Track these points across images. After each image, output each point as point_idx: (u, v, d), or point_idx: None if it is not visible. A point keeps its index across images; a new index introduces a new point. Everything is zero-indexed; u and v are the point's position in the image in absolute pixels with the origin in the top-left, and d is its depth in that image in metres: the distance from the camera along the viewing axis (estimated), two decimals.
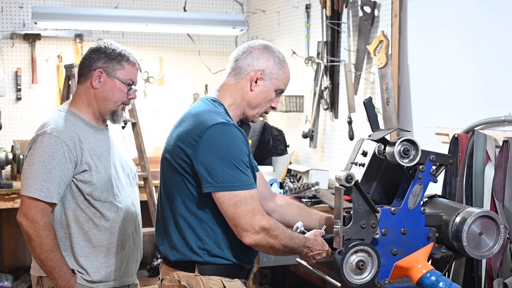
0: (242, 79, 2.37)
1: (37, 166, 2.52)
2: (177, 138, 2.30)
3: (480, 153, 3.02)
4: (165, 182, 2.36)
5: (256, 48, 2.39)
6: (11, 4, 5.31)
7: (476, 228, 2.35)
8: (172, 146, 2.31)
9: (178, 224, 2.30)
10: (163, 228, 2.37)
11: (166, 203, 2.36)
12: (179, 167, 2.27)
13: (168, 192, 2.34)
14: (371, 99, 2.56)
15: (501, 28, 3.15)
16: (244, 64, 2.37)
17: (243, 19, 5.45)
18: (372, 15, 4.05)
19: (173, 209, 2.31)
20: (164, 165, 2.37)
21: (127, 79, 2.70)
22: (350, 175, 2.27)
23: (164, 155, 2.38)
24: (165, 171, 2.36)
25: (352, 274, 2.31)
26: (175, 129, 2.37)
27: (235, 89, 2.38)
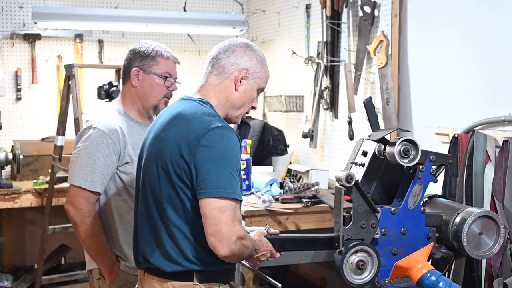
0: (226, 78, 2.30)
1: (83, 158, 2.69)
2: (171, 143, 2.18)
3: (480, 153, 3.02)
4: (155, 191, 2.23)
5: (239, 47, 2.32)
6: (11, 4, 5.31)
7: (476, 228, 2.35)
8: (166, 152, 2.19)
9: (172, 234, 2.21)
10: (153, 239, 2.26)
11: (155, 213, 2.24)
12: (173, 173, 2.17)
13: (159, 202, 2.22)
14: (371, 99, 2.56)
15: (501, 28, 3.15)
16: (228, 63, 2.30)
17: (243, 19, 5.45)
18: (372, 15, 4.05)
19: (165, 219, 2.21)
20: (153, 172, 2.23)
21: (163, 73, 2.90)
22: (350, 175, 2.27)
23: (151, 162, 2.24)
24: (155, 179, 2.22)
25: (352, 274, 2.31)
26: (162, 132, 2.24)
27: (219, 90, 2.31)
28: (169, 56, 2.94)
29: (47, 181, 4.73)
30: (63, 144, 4.54)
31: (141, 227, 2.32)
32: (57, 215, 5.07)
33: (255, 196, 3.92)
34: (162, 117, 2.33)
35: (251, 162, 4.22)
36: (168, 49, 2.95)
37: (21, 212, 5.24)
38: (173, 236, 2.21)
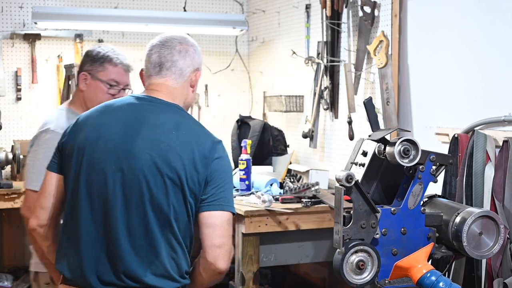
0: (185, 81, 2.25)
1: (40, 161, 2.59)
2: (179, 154, 2.07)
3: (480, 153, 3.01)
4: (160, 204, 2.06)
5: (189, 46, 2.27)
6: (11, 4, 5.31)
7: (476, 228, 2.35)
8: (175, 163, 2.07)
9: (174, 251, 2.11)
10: (148, 256, 2.07)
11: (155, 227, 2.07)
12: (185, 187, 2.07)
13: (164, 216, 2.07)
14: (371, 99, 2.56)
15: (501, 28, 3.15)
16: (185, 65, 2.23)
17: (243, 19, 5.45)
18: (372, 15, 4.05)
19: (170, 235, 2.08)
20: (156, 184, 2.06)
21: (109, 80, 2.85)
22: (350, 175, 2.27)
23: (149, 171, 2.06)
24: (161, 191, 2.06)
25: (352, 274, 2.31)
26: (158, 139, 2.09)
27: (181, 93, 2.24)
28: (118, 63, 2.86)
29: None
30: None
31: (121, 243, 2.07)
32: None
33: (255, 196, 3.92)
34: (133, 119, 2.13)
35: (251, 162, 4.22)
36: (121, 56, 2.87)
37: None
38: (174, 252, 2.11)
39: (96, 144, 2.13)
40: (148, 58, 2.25)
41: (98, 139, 2.13)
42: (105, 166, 2.10)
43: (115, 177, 2.09)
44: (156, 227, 2.07)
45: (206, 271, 2.15)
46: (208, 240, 2.09)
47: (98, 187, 2.11)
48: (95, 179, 2.11)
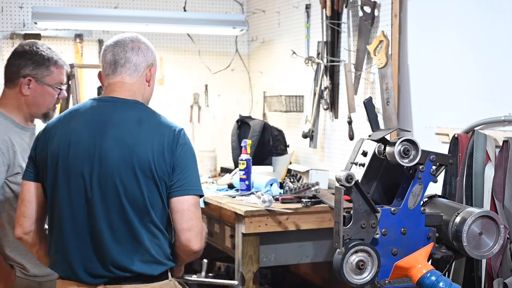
0: (140, 76, 2.37)
1: None
2: (145, 147, 2.20)
3: (480, 153, 3.01)
4: (134, 196, 2.20)
5: (141, 43, 2.38)
6: (11, 4, 5.31)
7: (476, 228, 2.36)
8: (143, 156, 2.19)
9: (155, 237, 2.25)
10: (132, 246, 2.21)
11: (134, 218, 2.20)
12: (156, 176, 2.20)
13: (140, 206, 2.20)
14: (371, 99, 2.56)
15: (501, 28, 3.15)
16: (138, 61, 2.35)
17: (243, 19, 5.45)
18: (372, 15, 4.06)
19: (148, 223, 2.22)
20: (129, 178, 2.19)
21: (56, 83, 2.79)
22: (350, 175, 2.27)
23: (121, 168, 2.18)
24: (133, 184, 2.19)
25: (352, 274, 2.31)
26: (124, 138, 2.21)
27: (139, 88, 2.37)
28: (62, 64, 2.82)
29: None
30: None
31: (105, 239, 2.20)
32: None
33: (255, 196, 3.92)
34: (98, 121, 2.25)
35: (251, 162, 4.22)
36: (59, 55, 2.82)
37: None
38: (156, 238, 2.25)
39: (68, 150, 2.25)
40: (104, 58, 2.35)
41: (69, 145, 2.25)
42: (80, 170, 2.22)
43: (91, 178, 2.21)
44: (135, 218, 2.20)
45: (183, 252, 2.31)
46: (178, 224, 2.24)
47: (77, 190, 2.24)
48: (73, 183, 2.24)
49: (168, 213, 2.28)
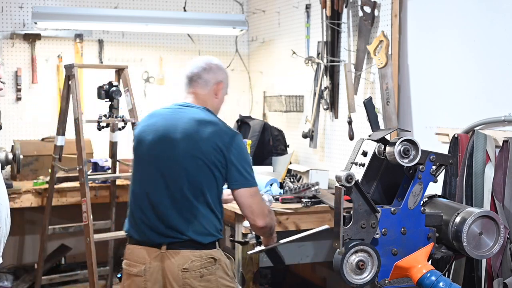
0: (210, 90, 2.90)
1: None
2: (208, 142, 2.70)
3: (480, 153, 3.02)
4: (195, 179, 2.71)
5: (213, 64, 2.94)
6: (11, 4, 5.31)
7: (476, 228, 2.36)
8: (205, 149, 2.68)
9: (208, 213, 2.72)
10: (189, 217, 2.71)
11: (192, 197, 2.70)
12: (213, 166, 2.70)
13: (199, 188, 2.71)
14: (371, 99, 2.56)
15: (501, 28, 3.15)
16: (208, 78, 2.90)
17: (243, 19, 5.45)
18: (372, 15, 4.06)
19: (204, 201, 2.72)
20: (194, 164, 2.70)
21: None
22: (350, 175, 2.27)
23: (187, 156, 2.70)
24: (195, 170, 2.70)
25: (352, 274, 2.31)
26: (192, 133, 2.72)
27: (208, 99, 2.89)
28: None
29: (47, 181, 4.73)
30: (63, 144, 4.54)
31: (167, 209, 2.72)
32: (57, 215, 5.07)
33: None
34: (172, 119, 2.79)
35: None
36: None
37: (21, 212, 5.24)
38: (209, 214, 2.73)
39: (146, 138, 2.82)
40: (184, 76, 2.93)
41: (148, 134, 2.82)
42: (155, 154, 2.77)
43: (162, 162, 2.75)
44: (193, 197, 2.71)
45: (253, 228, 2.87)
46: (242, 211, 2.78)
47: (150, 170, 2.78)
48: (148, 165, 2.79)
49: (220, 196, 2.78)
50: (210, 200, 2.73)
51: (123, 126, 4.53)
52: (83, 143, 4.21)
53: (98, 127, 4.37)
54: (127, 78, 4.49)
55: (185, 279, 2.70)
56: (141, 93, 5.68)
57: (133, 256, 2.81)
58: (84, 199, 4.15)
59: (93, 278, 4.15)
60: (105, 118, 4.38)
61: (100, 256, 4.84)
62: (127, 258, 2.84)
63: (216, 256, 2.75)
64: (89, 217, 4.12)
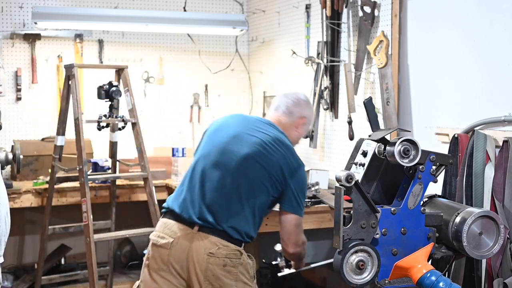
0: (292, 121, 3.04)
1: None
2: (276, 160, 2.85)
3: (480, 153, 3.01)
4: (254, 180, 2.84)
5: (301, 100, 3.10)
6: (11, 4, 5.31)
7: (476, 228, 2.36)
8: (271, 162, 2.84)
9: (250, 214, 2.84)
10: (232, 212, 2.82)
11: (244, 195, 2.83)
12: (273, 181, 2.84)
13: (252, 189, 2.84)
14: (371, 99, 2.56)
15: (501, 28, 3.15)
16: (294, 110, 3.05)
17: (243, 19, 5.45)
18: (372, 15, 4.05)
19: (251, 203, 2.84)
20: (257, 168, 2.84)
21: None
22: (350, 175, 2.27)
23: (254, 159, 2.84)
24: (257, 173, 2.84)
25: (352, 274, 2.31)
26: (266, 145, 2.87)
27: (289, 128, 3.04)
28: None
29: (47, 181, 4.73)
30: (63, 144, 4.54)
31: (216, 196, 2.84)
32: (57, 215, 5.07)
33: None
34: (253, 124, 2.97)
35: None
36: None
37: (21, 212, 5.24)
38: (250, 218, 2.84)
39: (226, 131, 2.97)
40: (273, 101, 3.14)
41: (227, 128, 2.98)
42: (226, 144, 2.91)
43: (230, 153, 2.88)
44: (245, 195, 2.83)
45: (283, 251, 3.02)
46: (281, 234, 2.93)
47: (215, 156, 2.91)
48: (216, 150, 2.92)
49: (266, 208, 2.90)
50: (256, 206, 2.85)
51: (123, 126, 4.53)
52: (83, 143, 4.21)
53: (98, 127, 4.37)
54: (127, 78, 4.49)
55: (208, 263, 2.78)
56: (141, 93, 5.68)
57: (164, 229, 2.89)
58: (84, 199, 4.15)
59: (93, 278, 4.15)
60: (105, 118, 4.38)
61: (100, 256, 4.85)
62: (157, 230, 2.93)
63: (242, 251, 2.86)
64: (89, 217, 4.12)
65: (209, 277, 2.79)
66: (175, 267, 2.84)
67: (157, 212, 4.38)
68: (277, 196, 2.89)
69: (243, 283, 2.86)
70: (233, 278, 2.82)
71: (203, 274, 2.79)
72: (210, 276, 2.79)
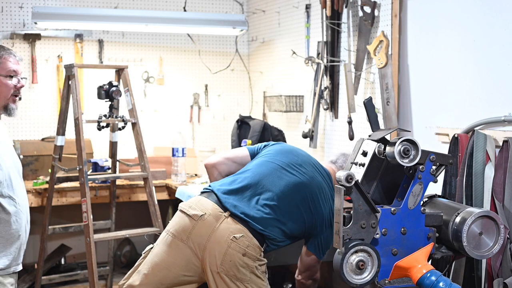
0: None
1: None
2: (317, 197, 3.01)
3: (480, 153, 3.01)
4: (302, 201, 2.99)
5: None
6: (11, 4, 5.31)
7: (476, 228, 2.36)
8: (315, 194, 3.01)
9: (280, 231, 2.94)
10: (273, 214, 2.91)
11: (292, 206, 2.95)
12: (312, 215, 3.00)
13: (298, 208, 2.97)
14: (371, 99, 2.56)
15: (501, 28, 3.15)
16: (344, 163, 3.20)
17: (243, 19, 5.45)
18: (372, 15, 4.06)
19: (291, 219, 2.96)
20: (308, 191, 3.01)
21: (8, 72, 2.82)
22: (350, 175, 2.27)
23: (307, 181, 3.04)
24: (315, 204, 3.00)
25: (352, 274, 2.31)
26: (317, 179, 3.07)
27: None
28: (11, 53, 2.90)
29: (47, 181, 4.73)
30: (63, 144, 4.54)
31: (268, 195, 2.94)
32: (57, 215, 5.07)
33: None
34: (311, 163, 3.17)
35: None
36: (8, 48, 2.92)
37: None
38: (280, 233, 2.94)
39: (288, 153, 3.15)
40: (332, 154, 3.44)
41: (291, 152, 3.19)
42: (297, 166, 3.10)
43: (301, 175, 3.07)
44: (292, 209, 2.97)
45: (296, 278, 3.25)
46: (300, 266, 3.19)
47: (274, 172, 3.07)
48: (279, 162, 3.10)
49: (293, 235, 3.00)
50: (290, 226, 2.95)
51: (123, 126, 4.54)
52: (83, 143, 4.21)
53: (98, 127, 4.37)
54: (127, 78, 4.49)
55: (229, 247, 2.79)
56: (141, 93, 5.68)
57: (198, 204, 2.92)
58: (84, 199, 4.15)
59: (93, 278, 4.15)
60: (105, 118, 4.38)
61: (100, 256, 4.86)
62: (190, 202, 2.96)
63: (262, 250, 2.91)
64: (89, 217, 4.12)
65: (225, 262, 2.79)
66: (194, 241, 2.82)
67: (157, 212, 4.38)
68: (306, 236, 3.06)
69: (256, 277, 2.88)
70: (249, 270, 2.84)
71: (221, 257, 2.78)
72: (227, 262, 2.79)
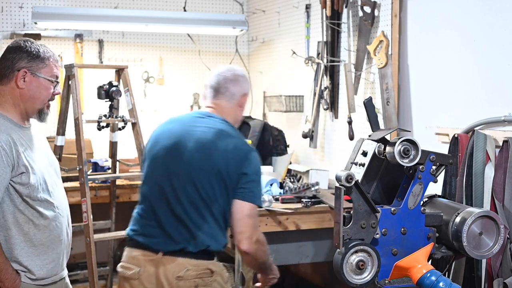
0: (235, 103, 2.83)
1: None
2: (223, 154, 2.66)
3: (480, 153, 3.02)
4: (206, 190, 2.66)
5: (240, 76, 2.87)
6: (11, 4, 5.31)
7: (476, 228, 2.35)
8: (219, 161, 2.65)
9: (211, 223, 2.67)
10: (189, 225, 2.67)
11: (202, 206, 2.67)
12: (223, 179, 2.64)
13: (209, 198, 2.66)
14: (371, 99, 2.56)
15: (501, 28, 3.15)
16: (235, 90, 2.83)
17: (243, 19, 5.45)
18: (372, 15, 4.06)
19: (206, 211, 2.67)
20: (203, 175, 2.66)
21: (52, 76, 2.81)
22: (350, 175, 2.27)
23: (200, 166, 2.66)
24: (206, 180, 2.66)
25: (352, 274, 2.31)
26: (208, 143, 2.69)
27: (231, 112, 2.83)
28: (57, 59, 2.88)
29: None
30: (63, 144, 4.54)
31: (169, 215, 2.69)
32: None
33: None
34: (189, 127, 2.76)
35: None
36: (52, 51, 2.90)
37: None
38: (212, 226, 2.68)
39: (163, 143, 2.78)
40: (208, 85, 2.90)
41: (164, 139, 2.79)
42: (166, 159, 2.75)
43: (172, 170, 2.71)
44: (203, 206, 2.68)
45: (237, 248, 2.74)
46: (233, 227, 2.70)
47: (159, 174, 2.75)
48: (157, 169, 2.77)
49: (225, 209, 2.68)
50: (214, 212, 2.68)
51: (123, 126, 4.53)
52: (83, 143, 4.21)
53: (98, 127, 4.37)
54: (127, 78, 4.49)
55: (179, 287, 2.65)
56: (141, 93, 5.68)
57: (129, 258, 2.77)
58: (84, 199, 4.15)
59: (93, 278, 4.15)
60: (105, 118, 4.38)
61: (100, 256, 4.85)
62: (123, 260, 2.81)
63: (214, 268, 2.70)
64: (89, 217, 4.12)
65: None
66: None
67: None
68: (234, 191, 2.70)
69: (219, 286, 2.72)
70: None
71: None
72: None
